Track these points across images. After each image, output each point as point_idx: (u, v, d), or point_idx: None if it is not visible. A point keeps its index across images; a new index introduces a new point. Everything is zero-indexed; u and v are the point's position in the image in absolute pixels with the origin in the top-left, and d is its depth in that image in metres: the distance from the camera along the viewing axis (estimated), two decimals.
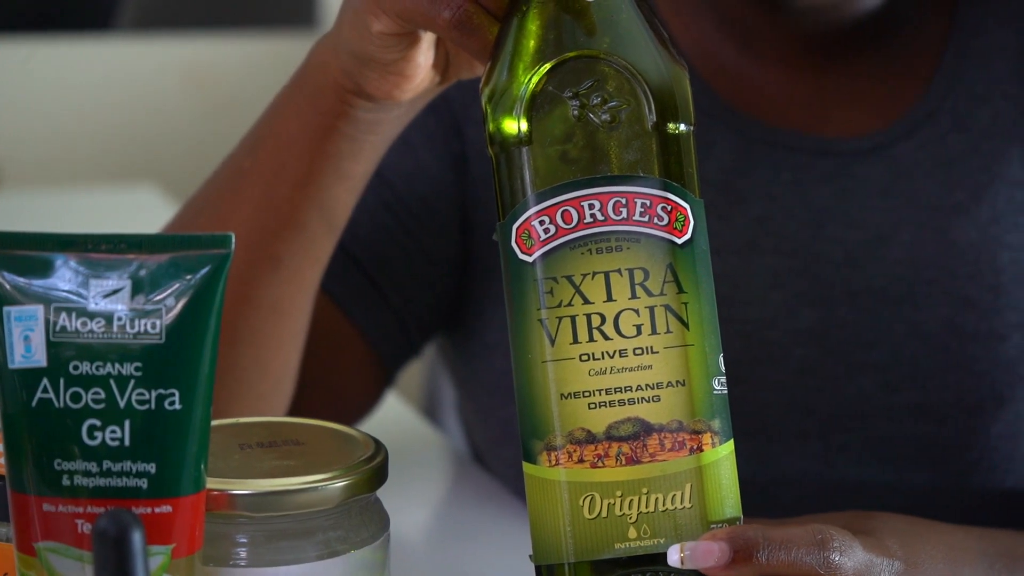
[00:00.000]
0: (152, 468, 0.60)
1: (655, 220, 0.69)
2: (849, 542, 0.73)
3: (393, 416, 1.23)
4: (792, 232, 0.99)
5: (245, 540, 0.67)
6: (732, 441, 0.71)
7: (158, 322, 0.60)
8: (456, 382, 1.10)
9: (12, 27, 2.85)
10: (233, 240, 0.61)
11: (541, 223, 0.69)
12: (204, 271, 0.61)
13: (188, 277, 0.61)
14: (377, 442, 0.71)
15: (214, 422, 0.65)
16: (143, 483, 0.60)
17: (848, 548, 0.73)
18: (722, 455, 0.70)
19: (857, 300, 0.98)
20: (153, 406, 0.60)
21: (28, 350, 0.60)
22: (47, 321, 0.60)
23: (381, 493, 0.71)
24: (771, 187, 1.00)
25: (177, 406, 0.60)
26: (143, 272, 0.60)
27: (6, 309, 0.60)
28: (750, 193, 1.00)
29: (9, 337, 0.60)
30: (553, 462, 0.68)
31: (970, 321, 0.98)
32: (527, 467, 0.69)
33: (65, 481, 0.60)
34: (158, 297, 0.60)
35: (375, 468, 0.69)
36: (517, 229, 0.69)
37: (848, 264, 0.99)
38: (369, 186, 1.01)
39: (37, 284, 0.60)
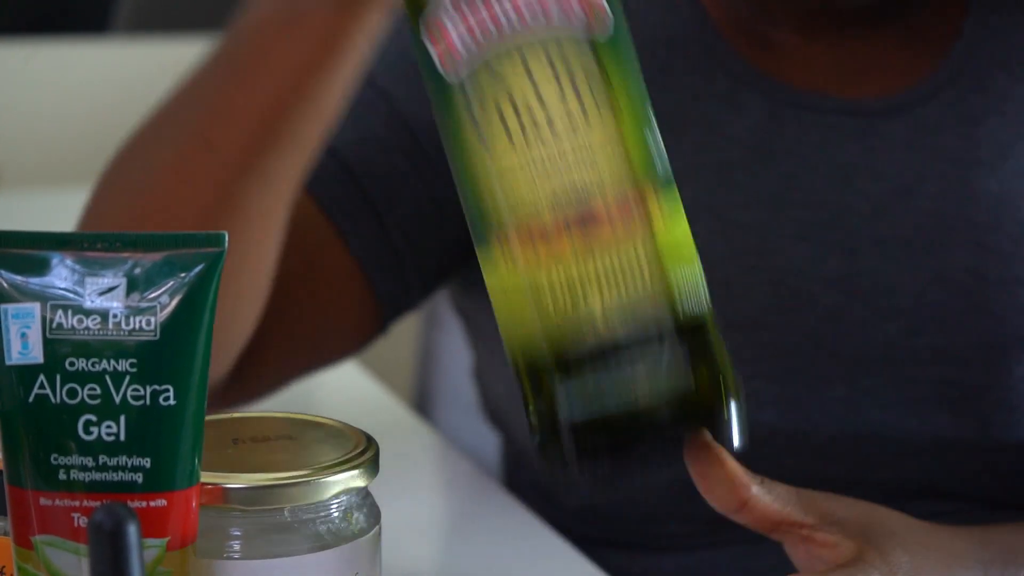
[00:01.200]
0: (147, 463, 0.60)
1: (573, 18, 0.68)
2: None
3: (384, 412, 1.23)
4: (820, 186, 1.01)
5: (239, 533, 0.67)
6: (676, 191, 0.69)
7: (152, 319, 0.60)
8: (475, 339, 1.11)
9: (10, 29, 2.85)
10: (226, 239, 0.61)
11: (461, 40, 0.68)
12: (198, 269, 0.61)
13: (182, 275, 0.61)
14: (368, 437, 0.71)
15: (208, 417, 0.65)
16: (138, 477, 0.60)
17: None
18: (669, 210, 0.69)
19: (882, 249, 1.00)
20: (148, 402, 0.60)
21: (25, 347, 0.60)
22: (44, 318, 0.60)
23: (372, 487, 0.71)
24: (799, 146, 1.01)
25: (171, 402, 0.60)
26: (138, 270, 0.60)
27: (3, 307, 0.60)
28: (779, 152, 1.01)
29: (6, 334, 0.60)
30: (509, 263, 0.67)
31: (992, 268, 0.99)
32: (487, 276, 0.67)
33: (62, 476, 0.60)
34: (152, 295, 0.60)
35: (366, 462, 0.69)
36: (438, 50, 0.68)
37: (874, 215, 1.00)
38: (389, 128, 1.02)
39: (34, 282, 0.60)
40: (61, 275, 0.60)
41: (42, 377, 0.60)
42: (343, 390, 1.34)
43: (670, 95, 1.03)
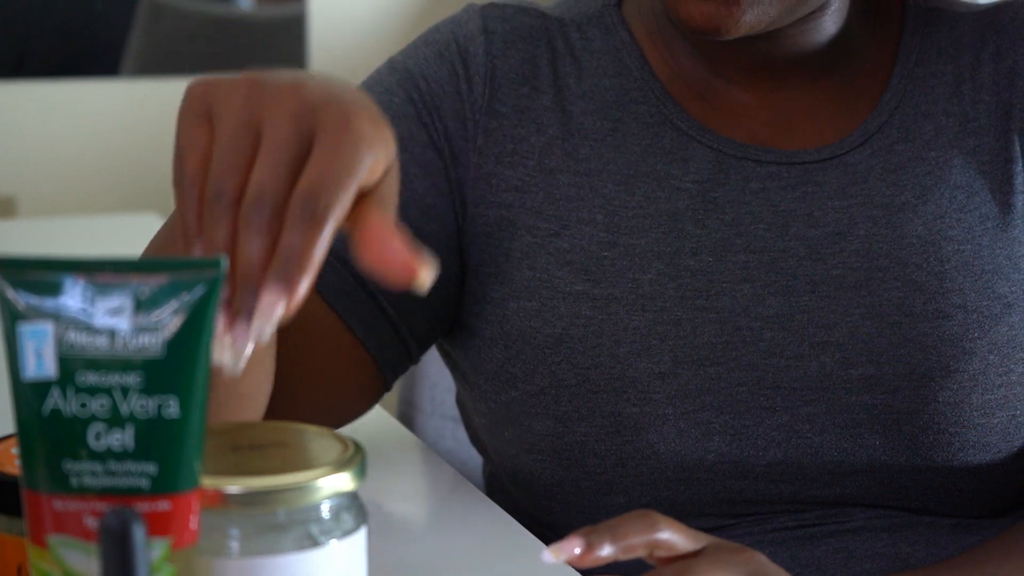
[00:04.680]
0: (153, 469, 0.60)
1: None
2: None
3: (372, 421, 1.23)
4: (760, 232, 1.01)
5: (237, 533, 0.67)
6: None
7: (157, 337, 0.60)
8: (458, 375, 1.11)
9: (31, 72, 2.85)
10: (224, 263, 0.61)
11: None
12: (198, 291, 0.61)
13: (184, 296, 0.60)
14: (357, 444, 0.71)
15: (209, 426, 0.65)
16: (144, 482, 0.60)
17: None
18: None
19: (818, 288, 1.00)
20: (153, 413, 0.60)
21: (40, 363, 0.60)
22: (57, 337, 0.60)
23: (360, 490, 0.70)
24: (742, 195, 1.02)
25: (176, 411, 0.60)
26: (143, 292, 0.60)
27: (20, 326, 0.60)
28: (723, 201, 1.02)
29: (23, 351, 0.60)
30: None
31: (918, 303, 1.00)
32: None
33: (74, 481, 0.60)
34: (157, 314, 0.60)
35: (355, 467, 0.69)
36: None
37: (810, 257, 1.01)
38: None
39: (48, 303, 0.60)
40: (73, 296, 0.60)
41: (55, 391, 0.60)
42: None
43: (622, 151, 1.04)
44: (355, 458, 0.69)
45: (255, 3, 2.98)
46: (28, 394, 0.60)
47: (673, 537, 0.82)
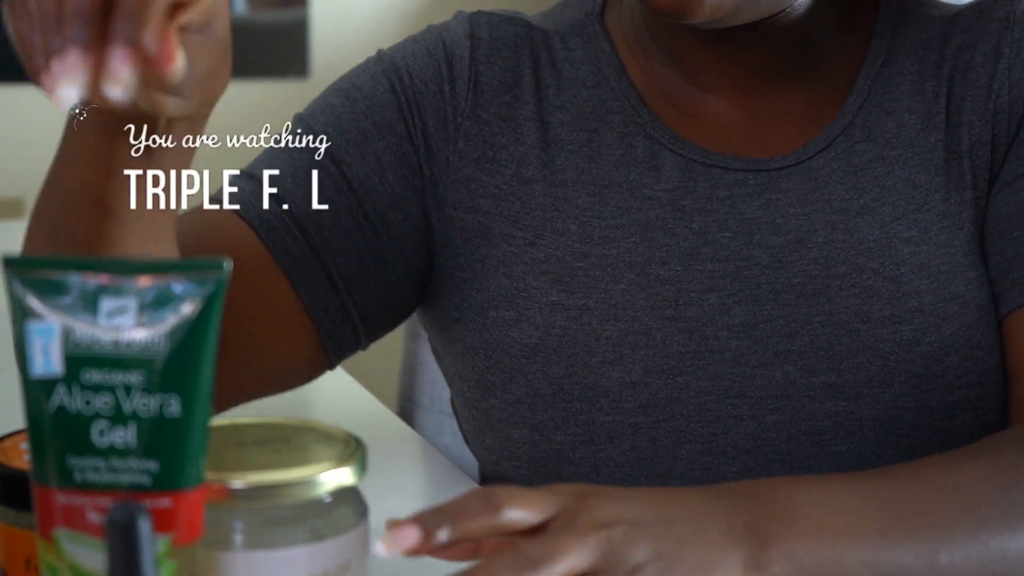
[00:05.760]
0: (154, 466, 0.60)
1: None
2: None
3: (372, 416, 1.23)
4: (726, 241, 1.01)
5: (240, 526, 0.67)
6: None
7: (160, 336, 0.60)
8: (447, 379, 1.11)
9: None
10: (227, 266, 0.61)
11: None
12: (202, 292, 0.61)
13: (187, 297, 0.60)
14: (358, 440, 0.71)
15: (214, 423, 0.65)
16: (146, 479, 0.60)
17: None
18: None
19: (780, 297, 1.00)
20: (155, 411, 0.60)
21: (47, 361, 0.60)
22: (63, 335, 0.60)
23: (361, 485, 0.70)
24: (709, 203, 1.02)
25: (177, 410, 0.60)
26: (148, 292, 0.60)
27: (28, 324, 0.60)
28: (692, 209, 1.02)
29: (31, 349, 0.60)
30: None
31: (875, 308, 0.99)
32: None
33: (78, 476, 0.60)
34: (161, 315, 0.60)
35: (356, 462, 0.69)
36: None
37: (772, 266, 1.00)
38: (337, 190, 1.02)
39: (55, 302, 0.60)
40: (79, 296, 0.60)
41: (61, 388, 0.60)
42: (335, 397, 1.34)
43: (597, 162, 1.03)
44: (356, 453, 0.69)
45: (258, 8, 2.98)
46: (36, 390, 0.60)
47: (518, 515, 0.74)
